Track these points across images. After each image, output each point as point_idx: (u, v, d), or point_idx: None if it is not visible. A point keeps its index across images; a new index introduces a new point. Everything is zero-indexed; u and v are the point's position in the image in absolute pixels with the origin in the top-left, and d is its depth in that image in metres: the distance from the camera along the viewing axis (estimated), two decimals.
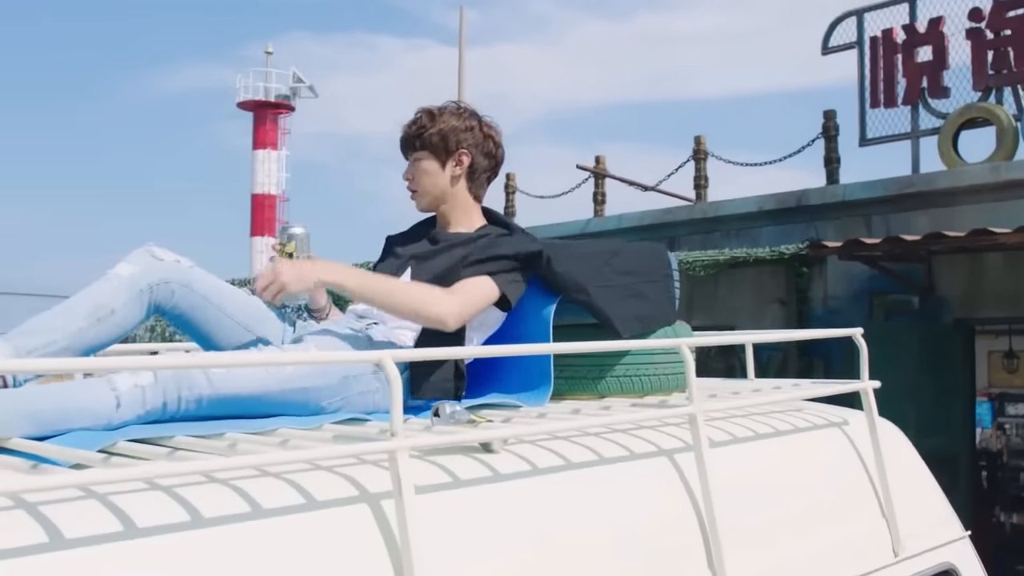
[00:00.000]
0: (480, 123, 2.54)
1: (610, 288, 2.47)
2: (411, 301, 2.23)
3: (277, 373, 2.00)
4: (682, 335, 2.63)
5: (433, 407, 1.91)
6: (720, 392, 2.75)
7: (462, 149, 2.50)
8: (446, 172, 2.50)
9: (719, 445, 2.30)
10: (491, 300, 2.33)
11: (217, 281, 2.23)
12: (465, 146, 2.50)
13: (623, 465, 2.07)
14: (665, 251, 2.69)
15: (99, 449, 1.62)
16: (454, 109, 2.52)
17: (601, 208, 13.02)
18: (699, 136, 11.97)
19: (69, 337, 1.99)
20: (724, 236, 11.05)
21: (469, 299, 2.27)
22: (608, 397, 2.53)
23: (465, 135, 2.50)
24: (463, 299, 2.26)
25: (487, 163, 2.56)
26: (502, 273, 2.34)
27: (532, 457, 1.93)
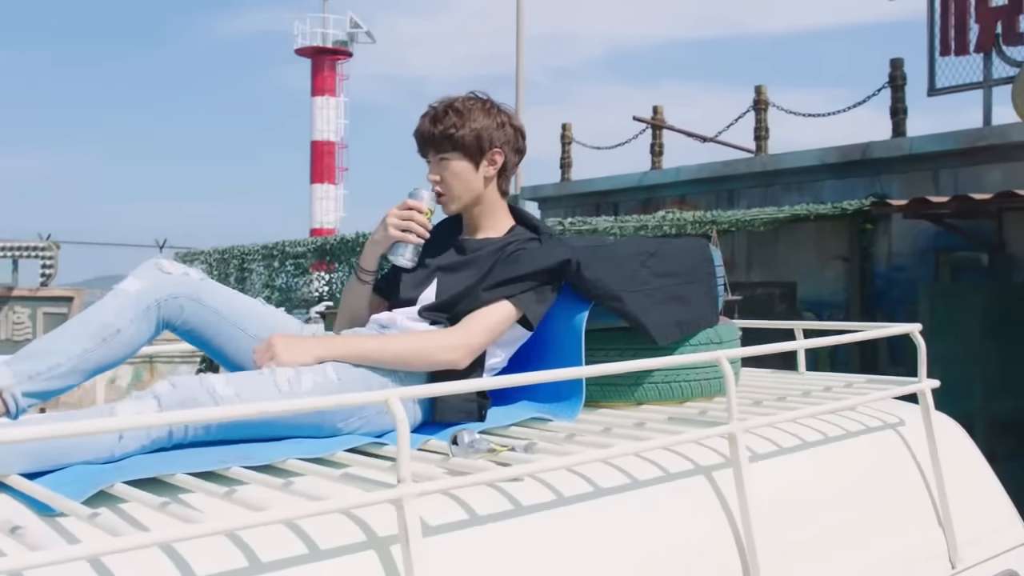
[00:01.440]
0: (508, 117, 2.39)
1: (647, 292, 2.33)
2: (418, 354, 2.10)
3: (290, 395, 1.91)
4: (725, 338, 2.49)
5: (451, 434, 1.81)
6: (766, 394, 2.60)
7: (495, 148, 2.35)
8: (479, 173, 2.35)
9: (761, 458, 2.17)
10: (510, 323, 2.21)
11: (229, 293, 2.14)
12: (498, 144, 2.35)
13: (656, 488, 1.95)
14: (707, 247, 2.53)
15: (96, 490, 1.54)
16: (480, 104, 2.36)
17: (659, 160, 12.75)
18: (760, 86, 11.61)
19: (74, 359, 1.91)
20: (785, 190, 10.75)
21: (480, 329, 2.15)
22: (645, 404, 2.40)
23: (498, 133, 2.35)
24: (472, 333, 2.14)
25: (516, 159, 2.42)
26: (524, 293, 2.21)
27: (556, 483, 1.82)
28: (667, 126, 12.45)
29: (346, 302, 2.45)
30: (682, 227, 8.18)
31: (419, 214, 2.32)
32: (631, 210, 11.96)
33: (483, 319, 2.16)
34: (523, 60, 17.61)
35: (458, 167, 2.32)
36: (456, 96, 2.37)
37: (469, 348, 2.13)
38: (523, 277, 2.20)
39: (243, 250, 8.90)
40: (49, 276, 13.77)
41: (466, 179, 2.33)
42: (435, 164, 2.36)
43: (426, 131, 2.34)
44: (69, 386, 1.93)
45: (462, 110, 2.32)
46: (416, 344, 2.11)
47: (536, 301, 2.22)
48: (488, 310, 2.17)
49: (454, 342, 2.12)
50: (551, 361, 2.30)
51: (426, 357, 2.09)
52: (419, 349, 2.09)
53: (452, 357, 2.10)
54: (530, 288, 2.21)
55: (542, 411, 2.20)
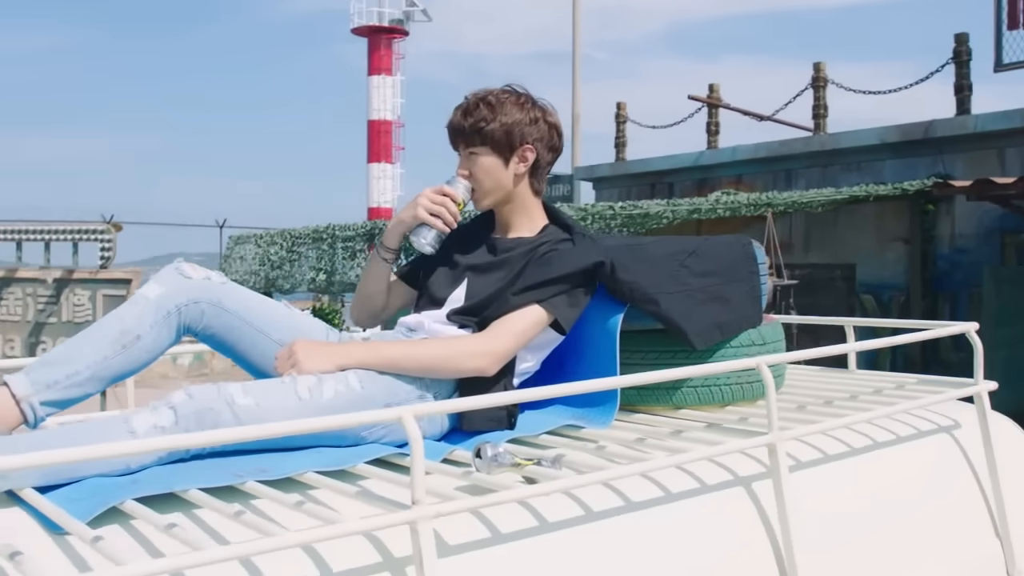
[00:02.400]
0: (544, 113, 2.29)
1: (686, 293, 2.23)
2: (444, 361, 2.03)
3: (311, 404, 1.86)
4: (769, 339, 2.38)
5: (475, 447, 1.75)
6: (811, 397, 2.50)
7: (527, 144, 2.25)
8: (509, 170, 2.25)
9: (804, 467, 2.08)
10: (541, 327, 2.13)
11: (252, 297, 2.08)
12: (530, 140, 2.25)
13: (690, 502, 1.87)
14: (750, 244, 2.42)
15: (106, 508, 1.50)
16: (515, 99, 2.26)
17: (715, 139, 12.54)
18: (819, 62, 11.34)
19: (93, 367, 1.87)
20: (844, 169, 10.51)
21: (508, 335, 2.07)
22: (684, 409, 2.31)
23: (530, 128, 2.25)
24: (500, 339, 2.06)
25: (550, 157, 2.32)
26: (556, 296, 2.12)
27: (585, 498, 1.75)
28: (723, 104, 12.23)
29: (365, 280, 2.39)
30: (736, 210, 8.02)
31: (452, 202, 2.25)
32: (686, 191, 11.81)
33: (512, 324, 2.08)
34: (580, 35, 17.44)
35: (487, 162, 2.24)
36: (491, 88, 2.28)
37: (497, 355, 2.05)
38: (554, 280, 2.12)
39: (294, 233, 8.92)
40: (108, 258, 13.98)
41: (495, 175, 2.25)
42: (464, 158, 2.28)
43: (456, 123, 2.26)
44: (88, 394, 1.89)
45: (494, 103, 2.23)
46: (442, 351, 2.04)
47: (568, 305, 2.13)
48: (517, 315, 2.09)
49: (481, 348, 2.05)
50: (585, 365, 2.23)
51: (452, 364, 2.03)
52: (445, 356, 2.03)
53: (479, 364, 2.03)
54: (562, 291, 2.12)
55: (575, 417, 2.13)
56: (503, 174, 2.24)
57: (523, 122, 2.23)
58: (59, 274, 13.88)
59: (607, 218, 7.25)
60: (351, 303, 2.49)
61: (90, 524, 1.46)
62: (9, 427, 1.81)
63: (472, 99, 2.26)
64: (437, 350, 2.03)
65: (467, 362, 2.02)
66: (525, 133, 2.23)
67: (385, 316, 2.43)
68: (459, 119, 2.25)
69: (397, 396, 1.96)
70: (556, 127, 2.31)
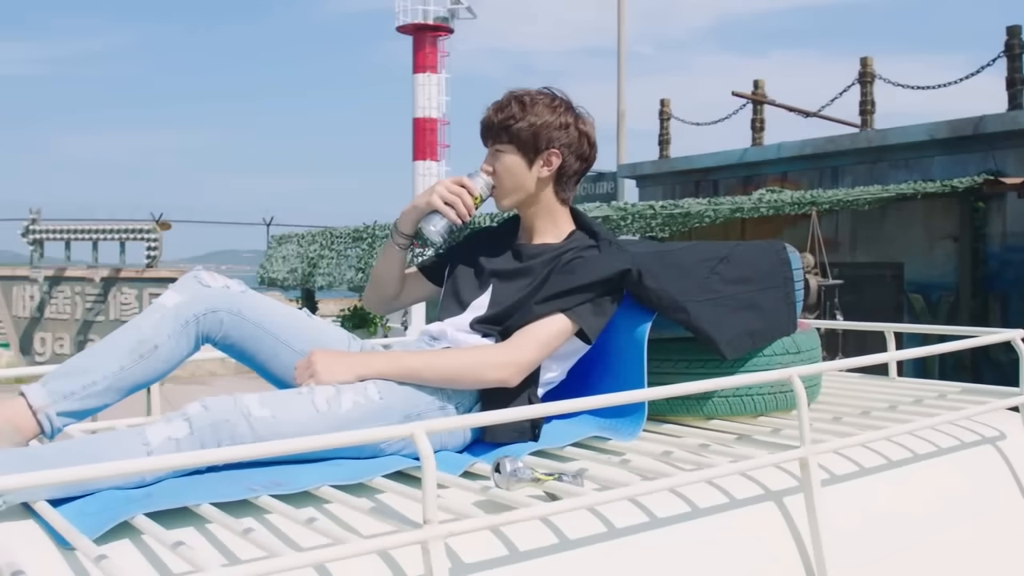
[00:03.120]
0: (576, 120, 2.23)
1: (716, 301, 2.17)
2: (466, 372, 1.98)
3: (329, 416, 1.82)
4: (804, 348, 2.31)
5: (494, 461, 1.70)
6: (848, 407, 2.43)
7: (552, 148, 2.19)
8: (532, 172, 2.20)
9: (838, 480, 2.01)
10: (565, 337, 2.07)
11: (272, 305, 2.05)
12: (556, 145, 2.19)
13: (719, 517, 1.81)
14: (785, 250, 2.35)
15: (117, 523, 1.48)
16: (548, 101, 2.20)
17: (760, 136, 12.39)
18: (866, 57, 11.15)
19: (110, 377, 1.86)
20: (892, 166, 10.33)
21: (532, 345, 2.02)
22: (715, 419, 2.25)
23: (558, 133, 2.19)
24: (524, 349, 2.01)
25: (578, 166, 2.25)
26: (580, 305, 2.07)
27: (608, 514, 1.70)
28: (768, 101, 12.07)
29: (377, 264, 2.36)
30: (779, 208, 7.89)
31: (468, 195, 2.21)
32: (731, 188, 11.68)
33: (536, 334, 2.03)
34: (625, 31, 17.35)
35: (510, 161, 2.19)
36: (530, 88, 2.23)
37: (520, 366, 2.01)
38: (579, 288, 2.07)
39: (335, 233, 8.94)
40: (154, 258, 14.11)
41: (517, 175, 2.20)
42: (490, 154, 2.23)
43: (487, 118, 2.21)
44: (105, 404, 1.88)
45: (526, 102, 2.18)
46: (464, 361, 2.00)
47: (593, 313, 2.08)
48: (541, 324, 2.04)
49: (504, 359, 2.00)
50: (612, 375, 2.17)
51: (474, 375, 1.98)
52: (467, 367, 1.98)
53: (502, 375, 1.99)
54: (587, 300, 2.07)
55: (601, 429, 2.07)
56: (525, 176, 2.19)
57: (552, 125, 2.18)
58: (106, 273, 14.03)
59: (647, 217, 7.16)
60: (366, 287, 2.46)
61: (100, 539, 1.45)
62: (26, 437, 1.80)
63: (507, 96, 2.22)
64: (459, 361, 1.99)
65: (489, 373, 1.98)
66: (553, 137, 2.18)
67: (399, 305, 2.40)
68: (491, 114, 2.21)
69: (417, 407, 1.93)
70: (588, 136, 2.24)
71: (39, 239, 14.72)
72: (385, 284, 2.36)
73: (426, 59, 41.94)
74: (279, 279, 9.85)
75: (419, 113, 41.25)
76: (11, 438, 1.76)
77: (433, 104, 41.21)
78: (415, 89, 41.58)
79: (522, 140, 2.18)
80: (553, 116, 2.19)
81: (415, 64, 42.06)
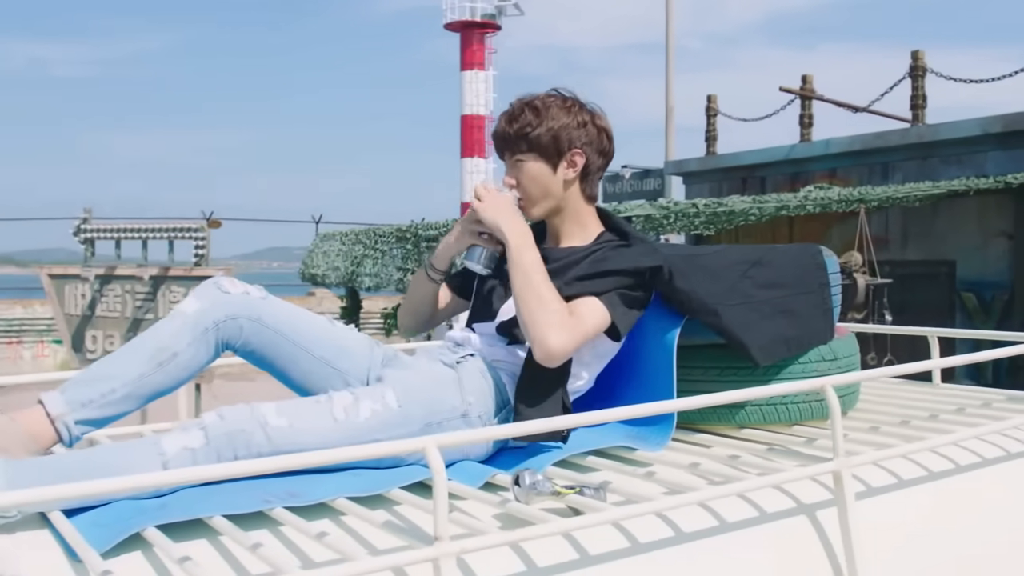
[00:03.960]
0: (592, 116, 2.18)
1: (749, 306, 2.11)
2: (535, 309, 1.95)
3: (346, 426, 1.79)
4: (841, 355, 2.24)
5: (514, 473, 1.66)
6: (887, 416, 2.35)
7: (575, 148, 2.14)
8: (557, 176, 2.14)
9: (874, 494, 1.93)
10: (601, 328, 2.01)
11: (293, 312, 2.03)
12: (578, 145, 2.14)
13: (747, 532, 1.75)
14: (820, 254, 2.27)
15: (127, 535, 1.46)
16: (560, 102, 2.16)
17: (808, 132, 12.20)
18: (917, 51, 10.93)
19: (129, 385, 1.84)
20: (943, 162, 10.11)
21: (579, 332, 1.96)
22: (747, 428, 2.18)
23: (578, 132, 2.14)
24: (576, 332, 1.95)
25: (601, 162, 2.20)
26: (612, 292, 2.01)
27: (632, 528, 1.65)
28: (816, 96, 11.88)
29: (412, 294, 2.33)
30: (826, 206, 7.74)
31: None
32: (778, 185, 11.52)
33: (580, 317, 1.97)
34: (673, 26, 17.20)
35: (534, 169, 2.14)
36: (536, 93, 2.18)
37: (566, 353, 1.94)
38: (610, 272, 2.01)
39: (378, 232, 8.95)
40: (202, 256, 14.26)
41: (543, 182, 2.14)
42: (511, 166, 2.17)
43: (501, 130, 2.16)
44: (124, 412, 1.86)
45: (539, 107, 2.13)
46: (547, 309, 1.94)
47: (624, 305, 2.02)
48: (581, 306, 1.99)
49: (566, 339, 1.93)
50: (640, 381, 2.12)
51: (540, 327, 1.92)
52: (544, 313, 1.93)
53: (554, 349, 1.91)
54: (618, 287, 2.01)
55: (628, 437, 2.02)
56: (551, 181, 2.14)
57: (570, 126, 2.13)
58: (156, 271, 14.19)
59: (690, 216, 7.06)
60: (399, 310, 2.43)
61: (110, 551, 1.43)
62: (44, 446, 1.79)
63: (517, 104, 2.16)
64: (547, 299, 1.96)
65: (551, 332, 1.92)
66: (573, 137, 2.13)
67: (433, 325, 2.37)
68: (504, 126, 2.15)
69: (437, 415, 1.89)
70: (606, 131, 2.19)
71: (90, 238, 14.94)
72: (421, 311, 2.33)
73: (474, 56, 42.05)
74: (319, 274, 9.89)
75: (467, 110, 41.33)
76: (28, 447, 1.75)
77: (481, 101, 41.26)
78: (463, 86, 41.69)
79: (543, 146, 2.12)
80: (569, 116, 2.14)
81: (463, 61, 42.18)
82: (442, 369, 1.98)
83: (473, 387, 1.95)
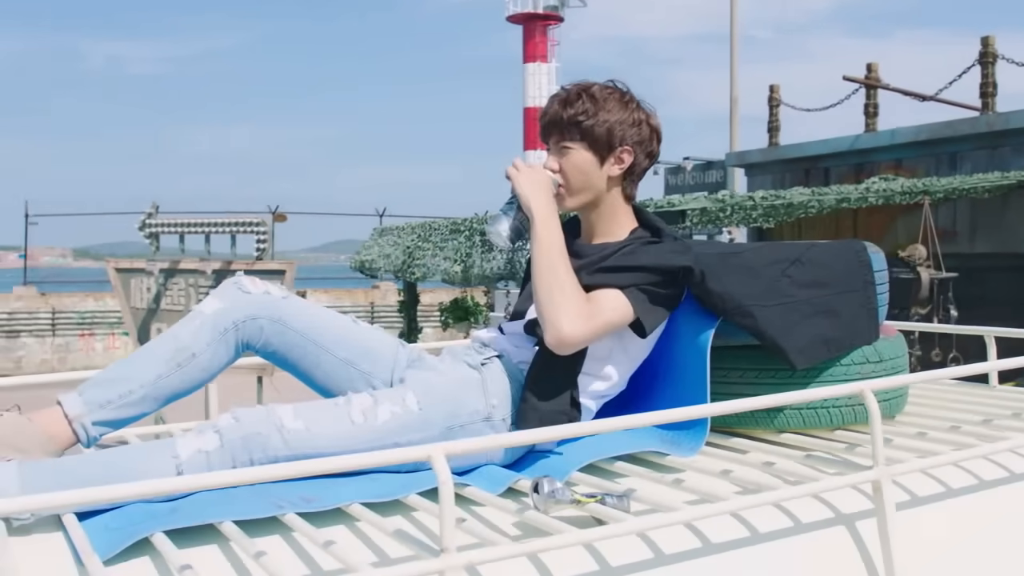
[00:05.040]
0: (647, 116, 2.09)
1: (788, 306, 2.02)
2: (553, 288, 1.90)
3: (365, 429, 1.76)
4: (887, 356, 2.14)
5: (533, 480, 1.60)
6: (937, 420, 2.24)
7: (625, 146, 2.05)
8: (603, 170, 2.06)
9: (917, 504, 1.84)
10: (621, 322, 1.94)
11: (315, 311, 1.99)
12: (629, 143, 2.06)
13: (781, 543, 1.67)
14: (865, 251, 2.17)
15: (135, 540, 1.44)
16: (619, 96, 2.07)
17: (873, 121, 11.91)
18: (987, 36, 10.60)
19: (147, 386, 1.82)
20: (1015, 152, 9.79)
21: (595, 321, 1.90)
22: (786, 433, 2.10)
23: (632, 130, 2.05)
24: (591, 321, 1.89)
25: (647, 163, 2.12)
26: (637, 288, 1.93)
27: (656, 538, 1.58)
28: (881, 85, 11.60)
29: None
30: (889, 198, 7.54)
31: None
32: (842, 176, 11.28)
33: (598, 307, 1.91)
34: (738, 15, 16.98)
35: (581, 159, 2.05)
36: (593, 82, 2.11)
37: (578, 343, 1.89)
38: (636, 268, 1.95)
39: (433, 225, 8.95)
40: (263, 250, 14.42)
41: (588, 173, 2.06)
42: (555, 150, 2.08)
43: (554, 113, 2.07)
44: (142, 414, 1.84)
45: (597, 98, 2.05)
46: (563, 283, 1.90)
47: (650, 301, 1.94)
48: (601, 296, 1.92)
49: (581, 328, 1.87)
50: (673, 384, 2.05)
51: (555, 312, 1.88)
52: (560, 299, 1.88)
53: (567, 336, 1.86)
54: (642, 283, 1.94)
55: (660, 442, 1.95)
56: (596, 174, 2.06)
57: (626, 122, 2.05)
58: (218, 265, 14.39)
59: (747, 209, 6.90)
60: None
61: (117, 556, 1.41)
62: (62, 447, 1.77)
63: (574, 89, 2.08)
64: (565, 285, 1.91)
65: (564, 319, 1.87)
66: (627, 134, 2.05)
67: None
68: (557, 108, 2.07)
69: (459, 418, 1.84)
70: (657, 132, 2.11)
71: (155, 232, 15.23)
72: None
73: (536, 48, 42.07)
74: (368, 261, 9.92)
75: (529, 103, 41.35)
76: (46, 447, 1.74)
77: (543, 93, 41.22)
78: (525, 79, 41.74)
79: (595, 137, 2.04)
80: (626, 113, 2.06)
81: (525, 53, 42.22)
82: (466, 371, 1.92)
83: (497, 389, 1.90)
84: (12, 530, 1.51)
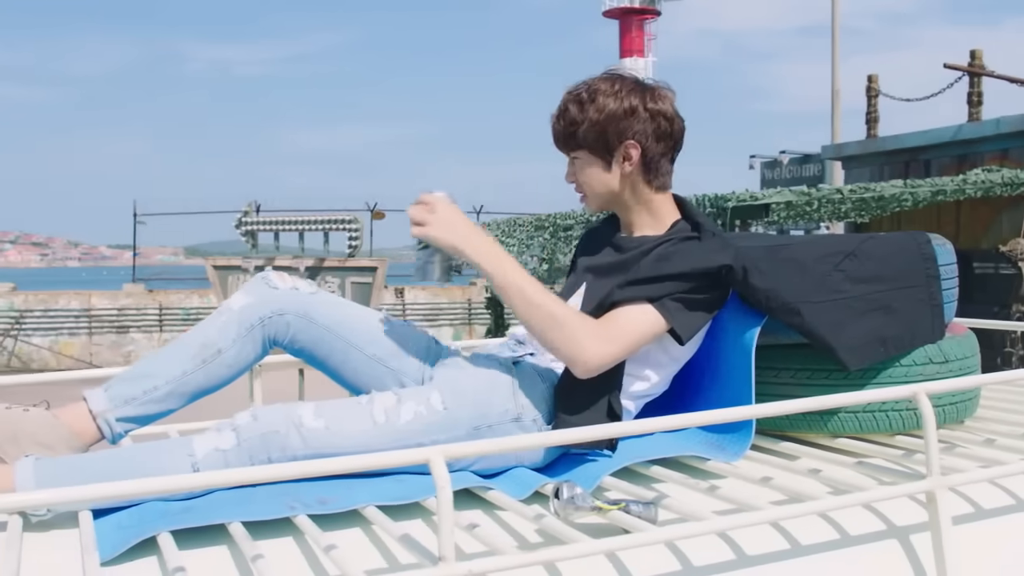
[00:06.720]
0: (643, 99, 1.93)
1: (841, 303, 1.90)
2: (551, 326, 1.77)
3: (386, 429, 1.70)
4: (953, 356, 1.99)
5: (554, 485, 1.53)
6: (1006, 426, 2.09)
7: (627, 140, 1.92)
8: (613, 172, 1.95)
9: (977, 517, 1.72)
10: (653, 335, 1.83)
11: (344, 308, 1.94)
12: (630, 135, 1.92)
13: (823, 557, 1.57)
14: (929, 243, 2.03)
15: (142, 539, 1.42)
16: (608, 87, 1.93)
17: (977, 111, 11.45)
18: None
19: (172, 383, 1.80)
20: None
21: (622, 340, 1.79)
22: (841, 437, 1.98)
23: (627, 122, 1.91)
24: (614, 343, 1.78)
25: (662, 147, 1.95)
26: (671, 298, 1.82)
27: (685, 548, 1.49)
28: (985, 72, 11.13)
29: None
30: (988, 190, 7.20)
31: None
32: (944, 168, 10.87)
33: (624, 326, 1.80)
34: (839, 6, 16.59)
35: (588, 167, 1.96)
36: (588, 80, 1.97)
37: (603, 361, 1.78)
38: (669, 277, 1.83)
39: (519, 221, 8.92)
40: (355, 247, 14.59)
41: (600, 179, 1.96)
42: (569, 163, 2.01)
43: (553, 128, 1.99)
44: (169, 410, 1.82)
45: (584, 99, 1.92)
46: (559, 318, 1.77)
47: (686, 309, 1.83)
48: (629, 315, 1.81)
49: (603, 348, 1.77)
50: (717, 384, 1.94)
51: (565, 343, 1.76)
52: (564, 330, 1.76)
53: (590, 360, 1.76)
54: (677, 292, 1.83)
55: (703, 445, 1.85)
56: (607, 177, 1.95)
57: (617, 115, 1.91)
58: (311, 262, 14.59)
59: (835, 202, 6.64)
60: None
61: (120, 556, 1.40)
62: (86, 443, 1.77)
63: (564, 98, 1.96)
64: (560, 314, 1.77)
65: (579, 345, 1.76)
66: (622, 129, 1.91)
67: None
68: (553, 123, 1.98)
69: (487, 419, 1.77)
70: (662, 112, 1.94)
71: (251, 230, 15.52)
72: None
73: (632, 43, 41.85)
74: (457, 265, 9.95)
75: None
76: (71, 443, 1.74)
77: None
78: None
79: (591, 143, 1.93)
80: (616, 104, 1.91)
81: (621, 48, 42.03)
82: (497, 369, 1.85)
83: (528, 389, 1.82)
84: (31, 526, 1.51)
